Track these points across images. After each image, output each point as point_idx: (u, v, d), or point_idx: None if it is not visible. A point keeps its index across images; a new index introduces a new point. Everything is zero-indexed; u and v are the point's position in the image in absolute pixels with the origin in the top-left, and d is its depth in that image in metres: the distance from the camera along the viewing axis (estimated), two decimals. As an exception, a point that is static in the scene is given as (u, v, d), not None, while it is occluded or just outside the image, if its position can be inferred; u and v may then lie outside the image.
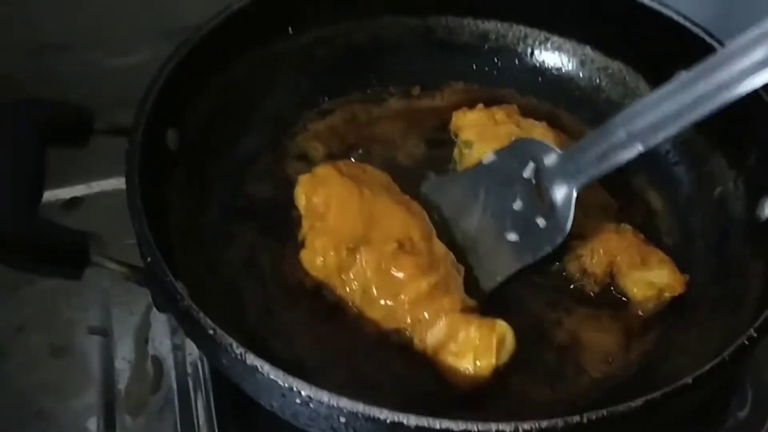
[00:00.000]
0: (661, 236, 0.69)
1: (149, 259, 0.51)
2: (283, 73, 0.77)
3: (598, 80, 0.80)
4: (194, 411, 0.65)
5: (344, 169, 0.66)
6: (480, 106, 0.75)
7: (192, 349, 0.69)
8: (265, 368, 0.46)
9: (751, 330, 0.49)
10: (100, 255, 0.53)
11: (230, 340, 0.47)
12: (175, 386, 0.67)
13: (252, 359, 0.46)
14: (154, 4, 0.91)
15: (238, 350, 0.46)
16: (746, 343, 0.49)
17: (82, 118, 0.60)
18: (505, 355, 0.56)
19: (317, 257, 0.60)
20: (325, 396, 0.44)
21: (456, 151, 0.74)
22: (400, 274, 0.58)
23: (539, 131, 0.72)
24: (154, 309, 0.71)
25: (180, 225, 0.63)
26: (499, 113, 0.74)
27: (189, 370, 0.68)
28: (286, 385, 0.45)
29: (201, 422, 0.65)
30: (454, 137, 0.75)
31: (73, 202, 0.81)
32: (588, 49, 0.80)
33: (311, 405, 0.45)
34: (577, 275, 0.65)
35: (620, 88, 0.79)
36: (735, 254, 0.64)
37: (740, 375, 0.68)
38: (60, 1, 0.86)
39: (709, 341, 0.57)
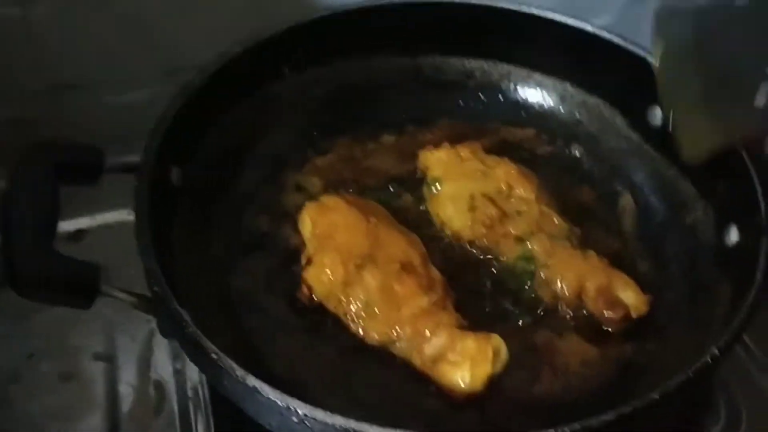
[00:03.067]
0: (635, 261, 0.73)
1: (156, 289, 0.55)
2: (280, 113, 0.82)
3: (577, 114, 0.85)
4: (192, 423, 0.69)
5: (349, 199, 0.71)
6: (445, 144, 0.79)
7: (193, 374, 0.72)
8: (264, 389, 0.49)
9: (714, 349, 0.53)
10: (108, 285, 0.56)
11: (231, 363, 0.51)
12: (176, 409, 0.70)
13: (252, 381, 0.50)
14: (156, 44, 0.96)
15: (239, 373, 0.50)
16: (710, 361, 0.52)
17: (94, 158, 0.64)
18: (500, 366, 0.60)
19: (324, 272, 0.65)
20: (319, 414, 0.48)
21: (425, 189, 0.77)
22: (403, 291, 0.63)
23: (503, 167, 0.76)
24: (156, 336, 0.75)
25: (184, 256, 0.67)
26: (463, 151, 0.78)
27: (190, 394, 0.71)
28: (284, 404, 0.49)
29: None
30: (422, 175, 0.79)
31: (78, 235, 0.85)
32: (567, 85, 0.85)
33: (307, 423, 0.49)
34: (550, 301, 0.69)
35: (598, 122, 0.84)
36: (705, 278, 0.68)
37: (712, 393, 0.71)
38: (69, 43, 0.91)
39: (681, 358, 0.61)
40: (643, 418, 0.51)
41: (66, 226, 0.85)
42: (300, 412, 0.48)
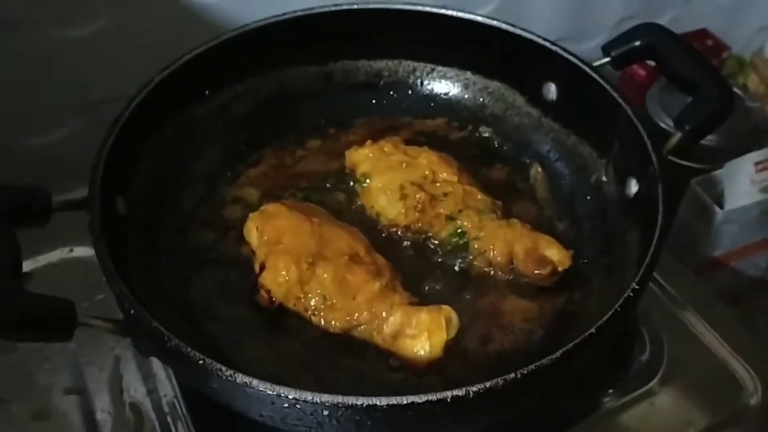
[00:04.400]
0: (553, 223, 0.81)
1: (132, 312, 0.59)
2: (206, 132, 0.85)
3: (481, 99, 0.92)
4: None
5: (289, 204, 0.76)
6: (368, 141, 0.85)
7: (166, 390, 0.76)
8: (254, 382, 0.54)
9: (634, 284, 0.62)
10: (84, 316, 0.59)
11: (219, 365, 0.55)
12: (157, 426, 0.73)
13: (241, 377, 0.54)
14: (68, 83, 0.97)
15: (228, 372, 0.55)
16: (631, 294, 0.61)
17: (41, 198, 0.66)
18: (453, 331, 0.67)
19: (280, 274, 0.70)
20: (309, 395, 0.53)
21: (356, 185, 0.83)
22: (355, 280, 0.69)
23: (425, 155, 0.83)
24: (123, 361, 0.78)
25: (141, 280, 0.70)
26: (386, 145, 0.84)
27: (167, 409, 0.74)
28: (274, 392, 0.54)
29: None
30: (351, 173, 0.85)
31: (25, 278, 0.85)
32: (469, 74, 0.92)
33: (298, 406, 0.54)
34: (486, 268, 0.76)
35: (501, 104, 0.91)
36: (615, 228, 0.77)
37: (636, 326, 0.81)
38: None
39: (606, 302, 0.69)
40: (586, 353, 0.59)
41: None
42: (290, 396, 0.53)
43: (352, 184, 0.84)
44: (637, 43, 0.80)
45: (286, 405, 0.54)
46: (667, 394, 0.77)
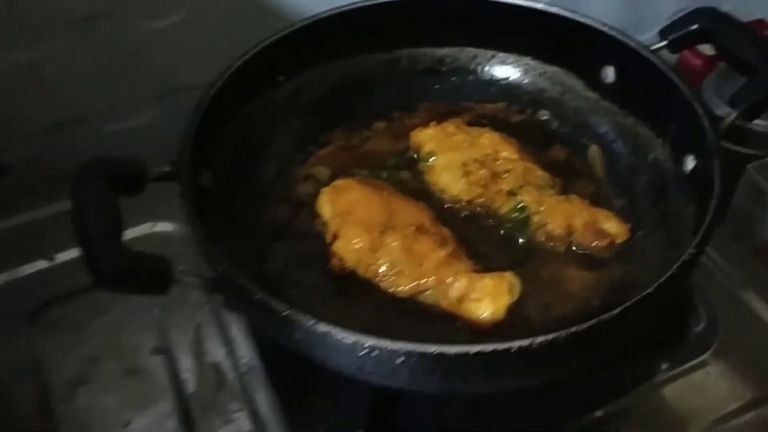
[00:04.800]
0: (611, 200, 0.85)
1: (221, 269, 0.64)
2: (279, 114, 0.91)
3: (540, 83, 0.96)
4: (256, 402, 0.77)
5: (359, 180, 0.82)
6: (433, 123, 0.90)
7: (244, 353, 0.81)
8: (335, 331, 0.59)
9: (691, 248, 0.65)
10: (179, 273, 0.65)
11: (303, 315, 0.60)
12: (237, 383, 0.78)
13: (324, 327, 0.59)
14: (146, 72, 1.04)
15: (311, 322, 0.60)
16: (688, 258, 0.64)
17: (138, 170, 0.72)
18: (515, 296, 0.71)
19: (352, 242, 0.75)
20: (385, 343, 0.58)
21: (420, 164, 0.88)
22: (422, 248, 0.73)
23: (487, 135, 0.87)
24: (204, 327, 0.84)
25: (222, 248, 0.76)
26: (449, 126, 0.89)
27: (244, 369, 0.80)
28: (354, 340, 0.58)
29: (264, 409, 0.76)
30: (415, 153, 0.89)
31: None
32: (528, 60, 0.96)
33: (374, 353, 0.58)
34: (545, 241, 0.79)
35: (559, 87, 0.95)
36: (671, 203, 0.79)
37: (693, 299, 0.83)
38: (70, 80, 0.99)
39: (661, 274, 0.72)
40: (644, 311, 0.62)
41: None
42: (368, 345, 0.58)
43: (416, 163, 0.88)
44: (694, 27, 0.83)
45: (364, 353, 0.59)
46: (721, 366, 0.79)
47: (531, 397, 0.75)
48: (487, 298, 0.70)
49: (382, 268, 0.74)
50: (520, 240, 0.80)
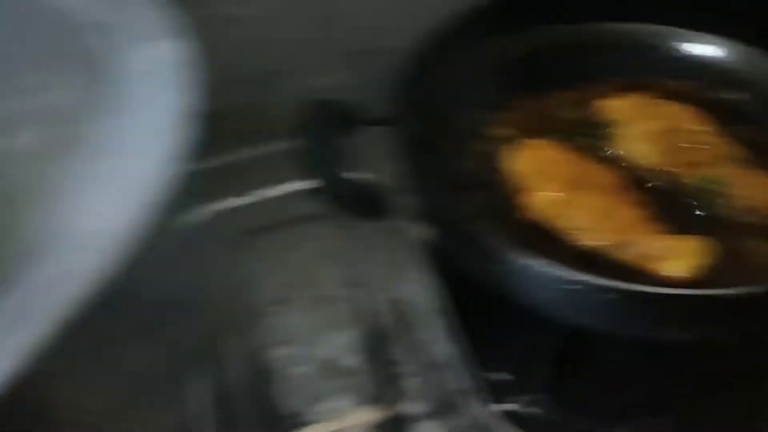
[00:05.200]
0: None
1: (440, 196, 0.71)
2: (477, 75, 0.95)
3: (734, 63, 0.96)
4: (442, 340, 0.82)
5: (549, 141, 0.85)
6: (622, 93, 0.91)
7: (433, 292, 0.85)
8: (534, 262, 0.63)
9: None
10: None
11: (503, 245, 0.64)
12: (424, 321, 0.84)
13: (525, 259, 0.63)
14: (338, 33, 1.11)
15: (510, 252, 0.64)
16: None
17: (351, 112, 0.79)
18: (708, 259, 0.72)
19: (547, 195, 0.79)
20: (586, 277, 0.61)
21: (608, 131, 0.89)
22: (613, 206, 0.77)
23: (676, 107, 0.88)
24: (394, 267, 0.90)
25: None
26: (640, 98, 0.90)
27: (433, 308, 0.85)
28: (554, 273, 0.62)
29: (450, 348, 0.81)
30: (604, 122, 0.90)
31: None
32: (721, 39, 0.96)
33: (574, 287, 0.62)
34: (739, 213, 0.79)
35: (754, 68, 0.94)
36: None
37: None
38: (270, 35, 1.08)
39: None
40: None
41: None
42: (567, 278, 0.62)
43: (605, 130, 0.90)
44: None
45: (564, 285, 0.62)
46: None
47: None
48: (679, 257, 0.72)
49: (572, 223, 0.77)
50: (710, 211, 0.81)
